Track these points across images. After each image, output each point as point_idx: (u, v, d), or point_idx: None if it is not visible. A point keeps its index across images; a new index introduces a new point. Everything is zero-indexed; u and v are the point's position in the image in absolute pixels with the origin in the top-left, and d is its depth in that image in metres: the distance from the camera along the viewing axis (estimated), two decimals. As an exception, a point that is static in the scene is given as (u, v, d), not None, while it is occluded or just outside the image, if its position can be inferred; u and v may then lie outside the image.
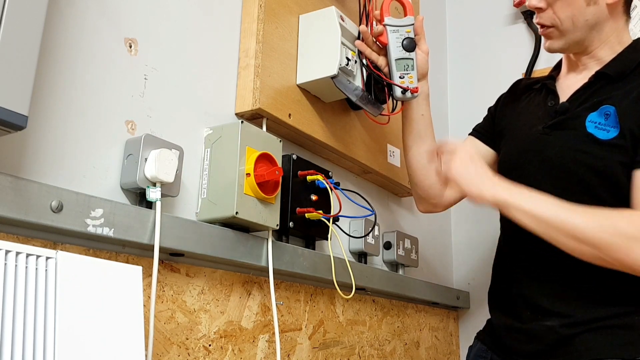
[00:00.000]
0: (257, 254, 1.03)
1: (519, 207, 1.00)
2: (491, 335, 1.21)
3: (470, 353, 1.27)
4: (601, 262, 0.96)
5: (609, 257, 0.94)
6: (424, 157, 1.23)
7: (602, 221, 0.95)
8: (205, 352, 0.97)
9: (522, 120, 1.20)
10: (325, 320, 1.28)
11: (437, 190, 1.27)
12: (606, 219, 0.95)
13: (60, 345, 0.62)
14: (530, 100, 1.23)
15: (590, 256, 0.96)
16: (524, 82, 1.31)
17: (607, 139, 1.03)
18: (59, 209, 0.73)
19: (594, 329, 1.03)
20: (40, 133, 0.78)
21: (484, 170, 1.06)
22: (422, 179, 1.26)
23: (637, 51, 1.11)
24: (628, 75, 1.07)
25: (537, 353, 1.08)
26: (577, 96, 1.11)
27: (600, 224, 0.95)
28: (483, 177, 1.05)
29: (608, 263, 0.95)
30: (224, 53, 1.10)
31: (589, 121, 1.06)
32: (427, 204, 1.31)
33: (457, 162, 1.08)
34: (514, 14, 2.03)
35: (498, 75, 1.98)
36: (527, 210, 0.99)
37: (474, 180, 1.05)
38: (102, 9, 0.88)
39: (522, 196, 1.01)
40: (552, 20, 1.10)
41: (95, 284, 0.68)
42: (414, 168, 1.26)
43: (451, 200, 1.31)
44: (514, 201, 1.00)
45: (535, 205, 0.99)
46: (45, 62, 0.79)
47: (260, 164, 1.00)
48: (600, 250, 0.94)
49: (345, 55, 1.18)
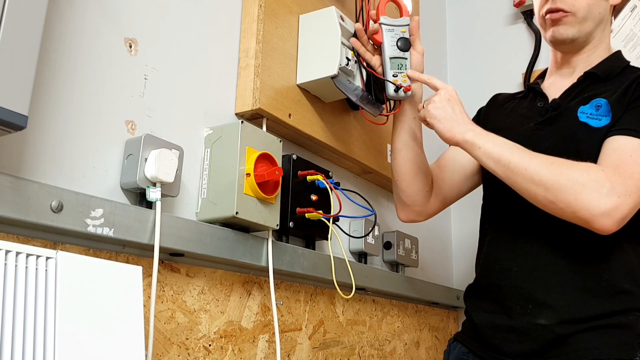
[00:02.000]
0: (257, 254, 1.03)
1: (483, 149, 1.03)
2: (473, 336, 1.17)
3: (448, 358, 1.22)
4: (552, 205, 0.98)
5: (559, 199, 0.96)
6: (413, 162, 1.22)
7: (558, 167, 0.98)
8: (205, 352, 0.97)
9: (511, 121, 1.21)
10: (325, 320, 1.28)
11: (423, 198, 1.25)
12: (563, 165, 0.98)
13: (60, 345, 0.62)
14: (516, 105, 1.25)
15: (543, 199, 0.99)
16: (502, 95, 1.33)
17: (600, 127, 1.05)
18: (59, 209, 0.73)
19: (590, 329, 1.02)
20: (40, 133, 0.78)
21: (458, 113, 1.08)
22: (409, 184, 1.23)
23: (620, 60, 1.16)
24: (614, 77, 1.11)
25: (531, 353, 1.05)
26: (567, 94, 1.15)
27: (556, 168, 0.98)
28: (456, 120, 1.08)
29: (558, 207, 0.98)
30: (224, 53, 1.10)
31: (580, 112, 1.09)
32: (411, 211, 1.27)
33: (435, 102, 1.10)
34: (514, 14, 2.03)
35: (498, 75, 1.98)
36: (489, 152, 1.03)
37: (447, 122, 1.08)
38: (102, 9, 0.88)
39: (487, 138, 1.04)
40: (571, 6, 1.12)
41: (95, 284, 0.68)
42: (401, 173, 1.23)
43: (435, 209, 1.29)
44: (479, 143, 1.04)
45: (498, 148, 1.02)
46: (45, 62, 0.79)
47: (260, 164, 1.00)
48: (551, 192, 0.97)
49: (345, 55, 1.18)
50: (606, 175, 0.95)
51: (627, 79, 1.08)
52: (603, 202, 0.94)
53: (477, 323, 1.15)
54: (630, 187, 0.95)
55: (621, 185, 0.95)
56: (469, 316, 1.20)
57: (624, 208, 0.95)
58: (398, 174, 1.24)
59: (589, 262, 1.05)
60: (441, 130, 1.08)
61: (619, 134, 1.01)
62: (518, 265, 1.11)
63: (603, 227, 0.95)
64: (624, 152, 0.98)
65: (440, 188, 1.27)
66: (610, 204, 0.94)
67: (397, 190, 1.26)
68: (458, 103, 1.10)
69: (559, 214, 0.99)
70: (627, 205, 0.95)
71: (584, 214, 0.95)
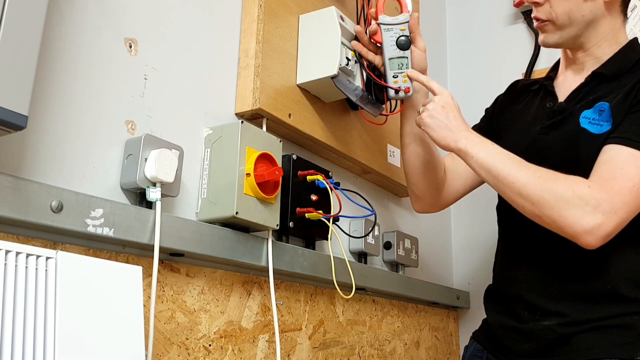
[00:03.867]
0: (257, 254, 1.03)
1: (476, 158, 1.04)
2: (487, 335, 1.20)
3: (466, 353, 1.26)
4: (539, 220, 1.00)
5: (544, 214, 0.98)
6: (421, 156, 1.23)
7: (545, 181, 0.98)
8: (205, 352, 0.97)
9: (520, 122, 1.21)
10: (325, 320, 1.28)
11: (435, 190, 1.26)
12: (549, 180, 0.98)
13: (60, 345, 0.62)
14: (528, 102, 1.24)
15: (530, 212, 1.00)
16: (522, 82, 1.31)
17: (600, 133, 1.04)
18: (59, 209, 0.73)
19: (591, 329, 1.03)
20: (40, 133, 0.78)
21: (453, 119, 1.08)
22: (419, 178, 1.24)
23: (634, 50, 1.12)
24: (624, 75, 1.09)
25: (535, 352, 1.08)
26: (573, 96, 1.13)
27: (541, 184, 0.98)
28: (450, 127, 1.08)
29: (544, 222, 0.99)
30: (224, 53, 1.10)
31: (582, 117, 1.08)
32: (424, 203, 1.30)
33: (430, 111, 1.10)
34: (514, 14, 2.03)
35: (498, 75, 1.98)
36: (481, 162, 1.04)
37: (441, 130, 1.08)
38: (102, 9, 0.88)
39: (479, 147, 1.05)
40: (549, 14, 1.11)
41: (95, 284, 0.68)
42: (411, 167, 1.24)
43: (448, 200, 1.30)
44: (471, 152, 1.05)
45: (490, 159, 1.03)
46: (45, 62, 0.79)
47: (260, 164, 1.00)
48: (537, 207, 0.98)
49: (345, 55, 1.18)
50: (592, 192, 0.95)
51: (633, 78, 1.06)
52: (586, 219, 0.94)
53: (490, 323, 1.19)
54: (617, 204, 0.94)
55: (607, 202, 0.94)
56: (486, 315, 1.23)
57: (608, 225, 0.94)
58: (408, 168, 1.26)
59: (593, 271, 1.05)
60: (435, 138, 1.09)
61: (615, 143, 1.00)
62: (523, 274, 1.13)
63: (587, 244, 0.96)
64: (615, 165, 0.97)
65: (454, 180, 1.28)
66: (594, 222, 0.93)
67: (409, 183, 1.28)
68: (453, 109, 1.09)
69: (547, 227, 1.00)
70: (611, 222, 0.94)
71: (568, 231, 0.96)
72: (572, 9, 1.09)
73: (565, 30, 1.12)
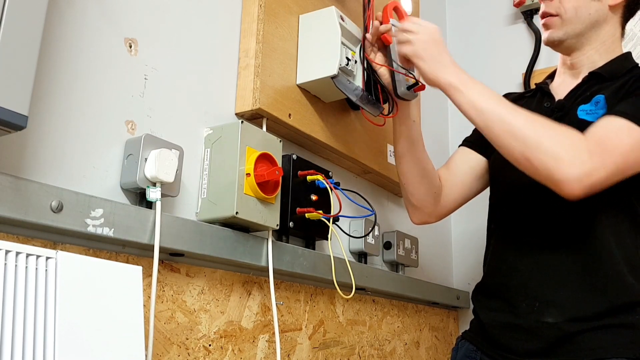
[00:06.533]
0: (257, 254, 1.03)
1: (467, 95, 1.03)
2: (481, 334, 1.18)
3: (456, 355, 1.23)
4: (526, 163, 0.97)
5: (535, 157, 0.96)
6: (417, 165, 1.22)
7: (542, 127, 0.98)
8: (205, 352, 0.97)
9: None
10: (325, 320, 1.28)
11: (432, 199, 1.26)
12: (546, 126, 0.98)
13: (60, 345, 0.62)
14: (524, 105, 1.24)
15: (519, 155, 0.98)
16: (512, 95, 1.33)
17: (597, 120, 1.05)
18: (59, 209, 0.73)
19: (598, 328, 1.02)
20: (40, 133, 0.78)
21: (445, 55, 1.08)
22: (417, 186, 1.24)
23: (628, 60, 1.16)
24: (619, 78, 1.12)
25: (538, 351, 1.06)
26: (571, 94, 1.16)
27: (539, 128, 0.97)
28: (442, 62, 1.07)
29: (532, 166, 0.97)
30: (224, 53, 1.10)
31: (580, 110, 1.10)
32: (422, 213, 1.28)
33: (420, 42, 1.09)
34: (514, 14, 2.03)
35: (498, 76, 1.98)
36: (473, 101, 1.02)
37: (433, 62, 1.07)
38: (102, 9, 0.88)
39: (472, 86, 1.04)
40: (557, 8, 1.15)
41: (95, 284, 0.68)
42: (407, 177, 1.24)
43: (446, 210, 1.30)
44: (463, 89, 1.03)
45: (483, 98, 1.02)
46: (45, 62, 0.79)
47: (260, 164, 1.00)
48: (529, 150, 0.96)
49: (345, 55, 1.18)
50: (587, 145, 0.96)
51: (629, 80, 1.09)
52: (578, 166, 0.94)
53: (484, 322, 1.17)
54: (606, 160, 0.95)
55: (598, 156, 0.95)
56: (477, 315, 1.21)
57: (595, 177, 0.94)
58: (404, 178, 1.25)
59: (594, 259, 1.05)
60: (425, 70, 1.08)
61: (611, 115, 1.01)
62: (524, 264, 1.12)
63: (571, 192, 0.95)
64: (610, 129, 0.98)
65: (450, 190, 1.28)
66: (584, 169, 0.94)
67: (406, 193, 1.27)
68: (445, 47, 1.10)
69: (531, 173, 0.99)
70: (598, 175, 0.94)
71: (557, 175, 0.95)
72: (580, 6, 1.13)
73: (571, 26, 1.14)
